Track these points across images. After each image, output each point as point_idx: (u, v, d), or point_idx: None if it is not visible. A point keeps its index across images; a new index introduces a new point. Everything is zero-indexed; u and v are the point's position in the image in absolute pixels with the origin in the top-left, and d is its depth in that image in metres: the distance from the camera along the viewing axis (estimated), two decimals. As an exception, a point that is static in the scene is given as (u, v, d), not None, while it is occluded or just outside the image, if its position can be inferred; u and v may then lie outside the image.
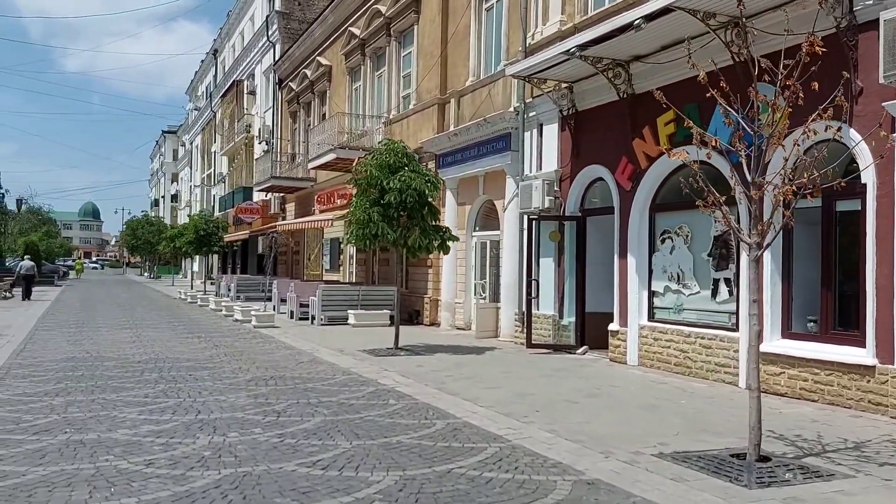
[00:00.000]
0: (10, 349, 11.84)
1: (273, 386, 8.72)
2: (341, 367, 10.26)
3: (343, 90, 23.50)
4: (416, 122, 18.16)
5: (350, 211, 12.14)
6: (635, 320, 10.75)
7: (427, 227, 11.86)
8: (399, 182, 11.46)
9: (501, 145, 14.08)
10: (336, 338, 14.29)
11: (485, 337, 14.36)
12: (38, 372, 9.55)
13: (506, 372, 9.99)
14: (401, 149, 12.05)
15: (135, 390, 8.31)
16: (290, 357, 11.44)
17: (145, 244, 53.85)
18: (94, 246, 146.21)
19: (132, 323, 17.22)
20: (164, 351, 11.94)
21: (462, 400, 7.87)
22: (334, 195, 23.72)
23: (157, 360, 10.79)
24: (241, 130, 37.56)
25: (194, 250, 31.25)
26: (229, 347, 12.62)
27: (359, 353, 11.90)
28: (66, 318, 18.62)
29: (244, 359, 11.15)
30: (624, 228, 11.00)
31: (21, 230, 47.41)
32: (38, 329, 15.38)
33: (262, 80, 34.78)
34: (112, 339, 13.68)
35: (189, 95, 60.04)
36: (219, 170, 44.68)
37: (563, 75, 11.73)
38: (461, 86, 16.29)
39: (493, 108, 14.60)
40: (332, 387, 8.70)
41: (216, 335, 14.67)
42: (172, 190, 74.74)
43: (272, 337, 14.40)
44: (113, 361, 10.63)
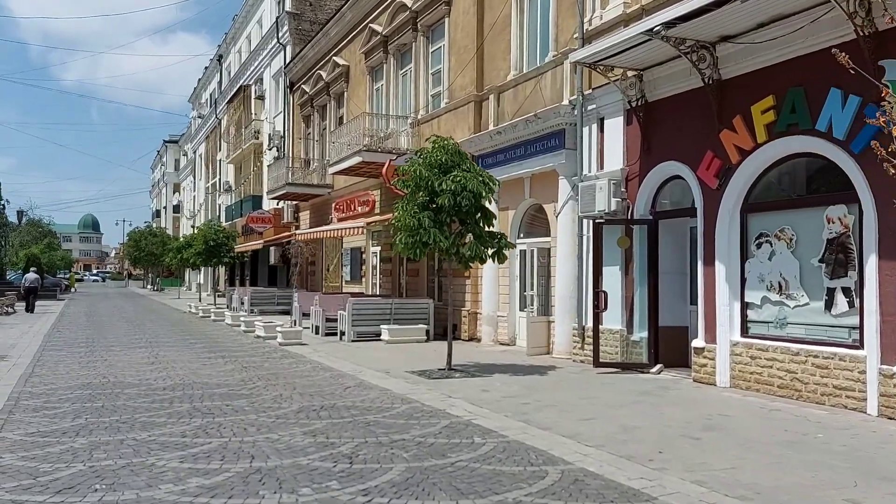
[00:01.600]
0: (17, 374, 10.55)
1: (328, 419, 7.44)
2: (397, 394, 8.98)
3: (363, 91, 22.30)
4: (448, 122, 16.94)
5: (395, 216, 10.89)
6: (726, 336, 9.48)
7: (482, 234, 10.62)
8: (452, 183, 10.23)
9: (553, 143, 12.86)
10: (373, 356, 13.01)
11: (537, 354, 13.09)
12: (52, 403, 8.27)
13: (587, 398, 8.71)
14: (452, 146, 10.83)
15: (168, 427, 7.03)
16: (332, 381, 10.16)
17: (148, 256, 52.64)
18: (94, 258, 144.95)
19: (146, 341, 15.92)
20: (188, 375, 10.65)
21: (560, 437, 6.59)
22: (355, 202, 22.51)
23: (185, 387, 9.51)
24: (248, 137, 36.37)
25: (203, 262, 29.96)
26: (260, 369, 11.34)
27: (408, 374, 10.63)
28: (74, 335, 17.33)
29: (282, 383, 9.87)
30: (710, 232, 9.75)
31: (22, 243, 46.12)
32: (45, 349, 14.09)
33: (271, 84, 33.62)
34: (128, 360, 12.39)
35: (192, 103, 58.89)
36: (225, 178, 43.46)
37: (633, 61, 10.52)
38: (501, 81, 15.08)
39: (542, 104, 13.38)
40: (397, 419, 7.43)
41: (241, 354, 13.38)
42: (174, 200, 73.46)
43: (303, 356, 13.11)
44: (134, 388, 9.34)
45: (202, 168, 53.74)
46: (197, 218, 49.64)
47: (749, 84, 9.24)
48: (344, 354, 13.23)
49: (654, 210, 11.14)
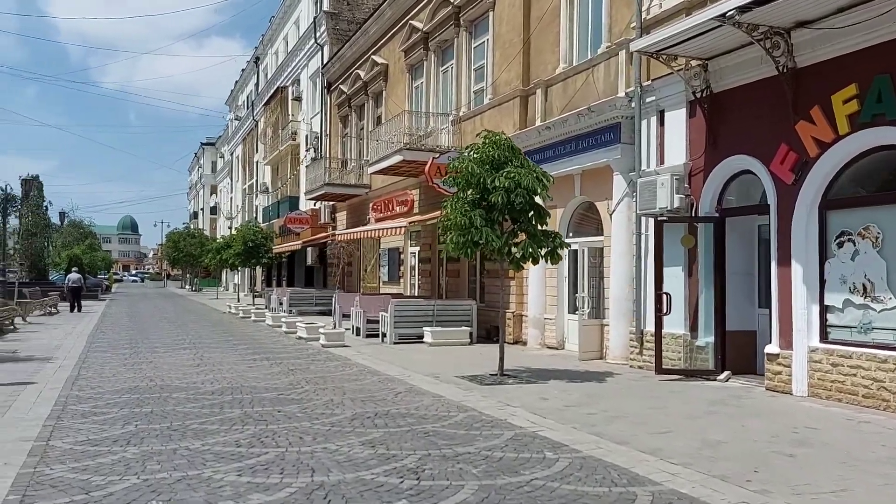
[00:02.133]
0: (64, 376, 10.39)
1: (384, 428, 7.05)
2: (451, 401, 8.56)
3: (402, 89, 21.96)
4: (492, 118, 16.48)
5: (445, 214, 10.48)
6: (803, 341, 8.86)
7: (537, 233, 10.14)
8: (506, 179, 9.78)
9: (608, 137, 12.32)
10: (418, 359, 12.62)
11: (589, 359, 12.56)
12: (100, 408, 8.03)
13: (656, 408, 8.18)
14: (505, 141, 10.37)
15: (221, 434, 6.71)
16: (381, 385, 9.78)
17: (187, 256, 53.14)
18: (133, 259, 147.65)
19: (189, 342, 15.77)
20: (235, 378, 10.38)
21: (640, 453, 6.09)
22: (393, 202, 22.19)
23: (233, 390, 9.22)
24: (285, 138, 36.37)
25: (242, 262, 29.95)
26: (306, 372, 11.02)
27: (458, 379, 10.20)
28: (117, 336, 17.28)
29: (331, 388, 9.52)
30: (784, 230, 9.14)
31: (64, 243, 46.85)
32: (89, 350, 14.00)
33: (308, 84, 33.54)
34: (173, 362, 12.19)
35: (229, 106, 59.37)
36: (262, 180, 43.60)
37: (699, 50, 9.95)
38: (549, 74, 14.58)
39: (594, 97, 12.86)
40: (458, 429, 7.00)
41: (285, 356, 13.11)
42: (211, 202, 74.25)
43: (347, 359, 12.78)
44: (182, 392, 9.08)
45: (239, 170, 54.10)
46: (235, 220, 49.93)
47: (828, 72, 8.62)
48: (389, 357, 12.87)
49: (720, 207, 10.54)
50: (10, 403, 8.20)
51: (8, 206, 28.00)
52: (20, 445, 6.22)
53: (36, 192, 34.64)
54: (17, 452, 5.98)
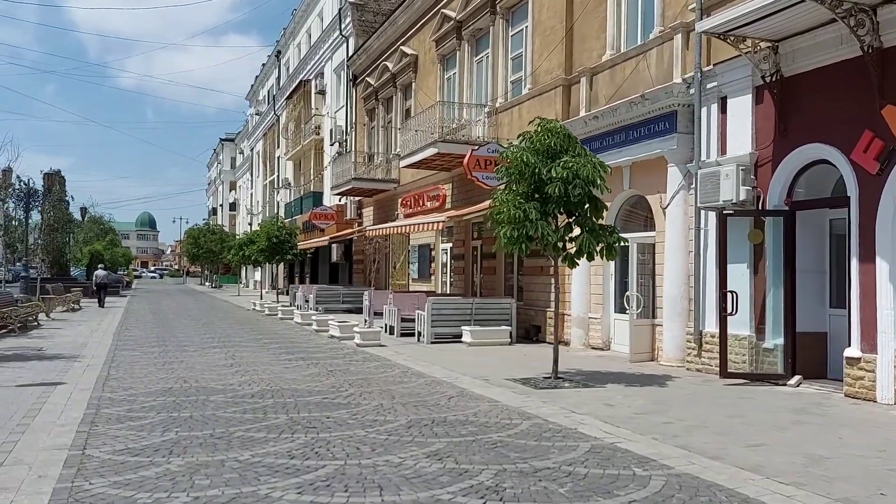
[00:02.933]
0: (93, 377, 9.91)
1: (446, 437, 6.46)
2: (510, 407, 7.95)
3: (433, 80, 21.35)
4: (531, 109, 15.83)
5: (495, 207, 9.85)
6: (889, 345, 8.15)
7: (595, 227, 9.50)
8: (563, 170, 9.14)
9: (662, 127, 11.64)
10: (461, 360, 12.03)
11: (641, 361, 11.91)
12: (135, 412, 7.51)
13: (735, 416, 7.52)
14: (561, 129, 9.74)
15: (270, 444, 6.15)
16: (430, 389, 9.19)
17: (207, 253, 52.95)
18: (151, 255, 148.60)
19: (218, 340, 15.29)
20: (273, 379, 9.84)
21: (739, 469, 5.45)
22: (423, 197, 21.60)
23: (274, 394, 8.67)
24: (308, 133, 35.92)
25: (265, 258, 29.51)
26: (347, 374, 10.46)
27: (510, 382, 9.59)
28: (144, 333, 16.85)
29: (376, 391, 8.95)
30: (867, 224, 8.42)
31: (85, 239, 46.77)
32: (117, 348, 13.54)
33: (332, 78, 33.03)
34: (205, 361, 11.69)
35: (249, 101, 59.08)
36: (283, 175, 43.21)
37: (770, 31, 9.24)
38: (594, 62, 13.91)
39: (646, 84, 12.18)
40: (526, 440, 6.40)
41: (321, 357, 12.56)
42: (231, 198, 74.16)
43: (386, 359, 12.21)
44: (220, 395, 8.55)
45: (259, 165, 53.81)
46: (259, 216, 49.60)
47: (921, 51, 7.91)
48: (429, 358, 12.28)
49: (789, 200, 9.83)
50: (41, 406, 7.71)
51: (30, 201, 27.72)
52: (55, 455, 5.70)
53: (58, 188, 34.46)
54: (51, 463, 5.46)
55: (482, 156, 14.68)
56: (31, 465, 5.41)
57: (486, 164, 14.75)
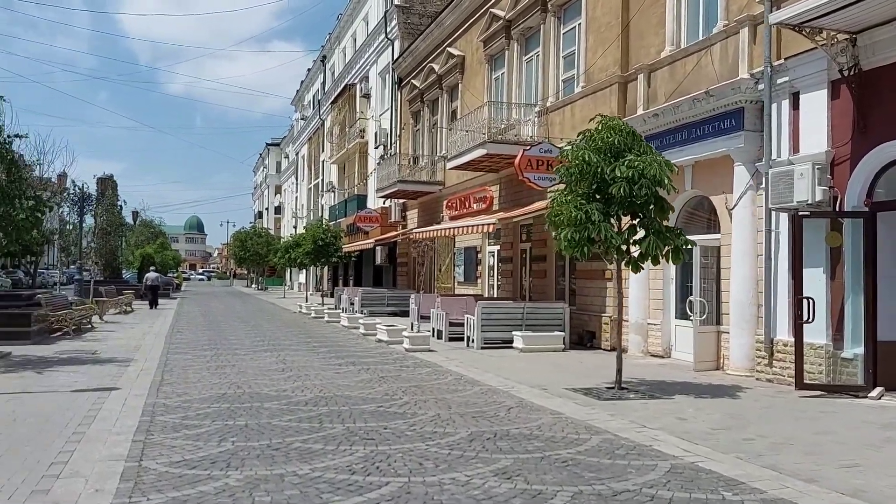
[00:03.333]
0: (147, 381, 9.85)
1: (512, 453, 6.11)
2: (575, 420, 7.55)
3: (480, 81, 21.03)
4: (585, 108, 15.38)
5: (553, 208, 9.46)
6: None
7: (661, 230, 9.03)
8: (628, 169, 8.71)
9: (728, 124, 11.09)
10: (514, 367, 11.66)
11: (705, 369, 11.36)
12: (190, 420, 7.36)
13: (822, 433, 6.99)
14: (625, 127, 9.30)
15: (329, 457, 5.90)
16: (487, 398, 8.85)
17: (254, 255, 53.60)
18: (199, 258, 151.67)
19: (268, 344, 15.22)
20: (325, 385, 9.63)
21: (840, 495, 4.98)
22: (469, 199, 21.29)
23: (328, 401, 8.44)
24: (353, 136, 35.97)
25: (311, 261, 29.58)
26: (399, 380, 10.19)
27: (570, 392, 9.19)
28: (195, 336, 16.91)
29: (432, 400, 8.65)
30: (964, 226, 7.79)
31: (137, 243, 47.88)
32: (170, 352, 13.56)
33: (377, 81, 33.00)
34: (256, 366, 11.57)
35: (295, 106, 59.71)
36: (328, 178, 43.43)
37: (849, 21, 8.67)
38: (652, 59, 13.40)
39: (709, 80, 11.64)
40: (599, 458, 6.01)
41: (370, 361, 12.33)
42: (276, 202, 75.09)
43: (438, 365, 11.91)
44: (274, 402, 8.36)
45: (304, 169, 54.27)
46: (303, 219, 49.97)
47: None
48: (482, 364, 11.94)
49: (869, 201, 9.20)
50: (95, 413, 7.62)
51: (84, 206, 28.33)
52: (111, 467, 5.54)
53: (111, 192, 35.26)
54: (108, 476, 5.29)
55: (534, 156, 14.29)
56: (87, 477, 5.25)
57: (538, 164, 14.36)
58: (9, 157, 11.41)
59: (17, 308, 15.65)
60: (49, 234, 30.45)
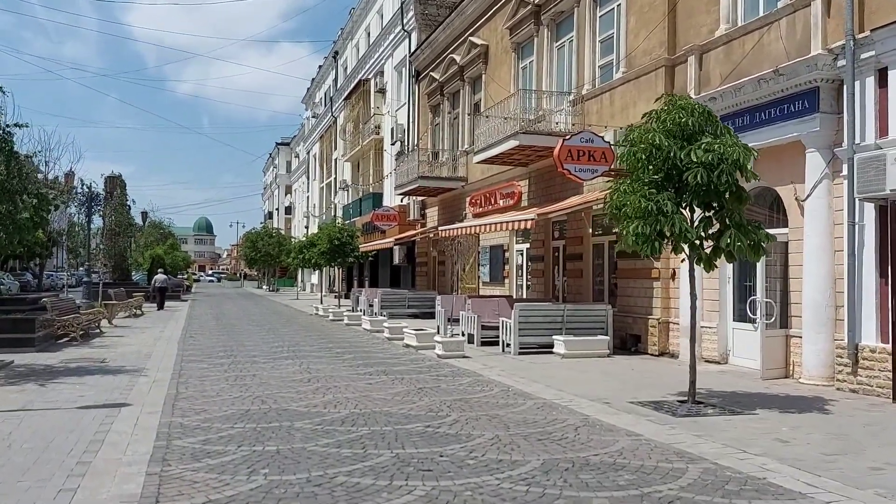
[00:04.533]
0: (161, 396, 8.85)
1: (603, 491, 5.06)
2: (658, 442, 6.50)
3: (506, 71, 19.98)
4: (625, 95, 14.32)
5: (614, 200, 8.41)
6: None
7: (743, 222, 7.97)
8: (705, 153, 7.65)
9: (800, 106, 10.01)
10: (563, 376, 10.62)
11: (774, 378, 10.29)
12: (212, 444, 6.35)
13: (958, 458, 5.92)
14: (699, 106, 8.23)
15: (383, 495, 4.88)
16: (545, 415, 7.81)
17: (265, 256, 52.71)
18: (208, 259, 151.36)
19: (288, 349, 14.22)
20: (360, 399, 8.61)
21: None
22: (495, 195, 20.26)
23: (367, 419, 7.42)
24: (368, 133, 34.99)
25: (326, 261, 28.57)
26: (440, 392, 9.16)
27: (639, 407, 8.15)
28: (210, 342, 15.94)
29: (484, 417, 7.61)
30: None
31: (146, 244, 47.02)
32: (184, 359, 12.58)
33: (393, 75, 31.99)
34: (279, 376, 10.57)
35: (305, 104, 58.80)
36: (342, 177, 42.46)
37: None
38: (704, 38, 12.32)
39: (774, 59, 10.57)
40: (712, 497, 4.96)
41: (402, 370, 11.31)
42: (286, 202, 74.28)
43: (478, 374, 10.87)
44: (306, 421, 7.35)
45: (316, 168, 53.35)
46: (316, 219, 49.02)
47: None
48: (525, 372, 10.90)
49: (978, 188, 8.11)
50: (103, 436, 6.63)
51: (92, 205, 27.39)
52: (122, 511, 4.54)
53: (119, 192, 34.35)
54: (119, 526, 4.29)
55: (575, 146, 13.21)
56: (92, 528, 4.26)
57: (578, 155, 13.28)
58: (7, 149, 10.45)
59: (21, 313, 14.73)
60: (56, 236, 29.61)
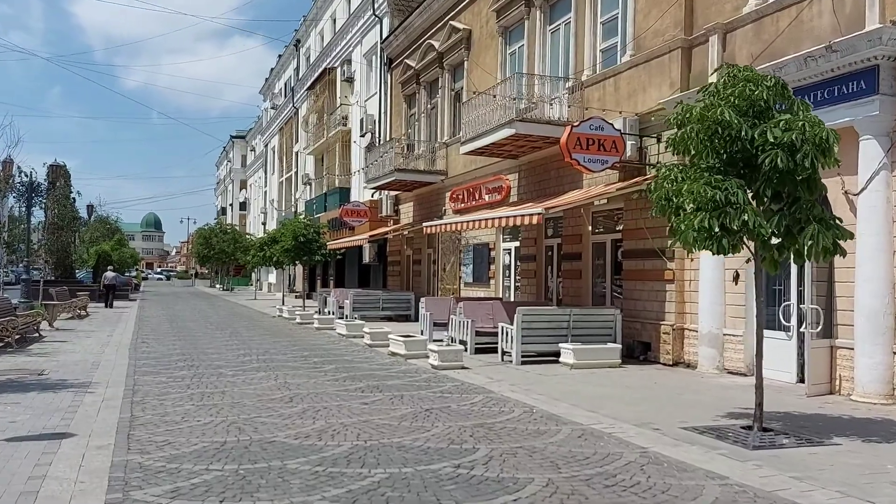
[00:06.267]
0: (113, 422, 7.17)
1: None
2: (754, 488, 5.19)
3: (492, 56, 18.62)
4: (634, 80, 13.11)
5: (664, 188, 7.09)
6: None
7: (825, 217, 6.74)
8: (784, 132, 6.40)
9: (855, 87, 8.90)
10: (581, 392, 9.30)
11: (819, 393, 9.16)
12: (185, 498, 4.78)
13: None
14: (772, 78, 6.96)
15: None
16: (591, 447, 6.44)
17: (219, 254, 50.31)
18: (156, 256, 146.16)
19: (258, 359, 12.56)
20: (359, 425, 7.10)
21: None
22: (479, 189, 18.90)
23: (377, 455, 5.92)
24: (334, 124, 33.23)
25: (291, 259, 26.76)
26: (452, 415, 7.72)
27: (697, 435, 6.86)
28: (165, 348, 14.13)
29: (521, 452, 6.20)
30: None
31: (91, 239, 44.15)
32: (137, 371, 10.82)
33: (362, 63, 30.33)
34: (253, 393, 8.96)
35: (263, 94, 56.44)
36: (303, 171, 40.52)
37: None
38: (728, 16, 11.18)
39: (814, 37, 9.47)
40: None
41: (397, 385, 9.81)
42: (241, 197, 71.53)
43: (487, 390, 9.46)
44: (301, 458, 5.80)
45: (275, 162, 51.13)
46: (279, 213, 46.82)
47: None
48: (540, 388, 9.54)
49: None
50: (38, 486, 4.98)
51: (33, 196, 24.98)
52: None
53: (63, 182, 31.79)
54: None
55: (584, 134, 11.92)
56: None
57: (588, 143, 12.00)
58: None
59: (-56, 315, 12.72)
60: (-9, 229, 27.03)
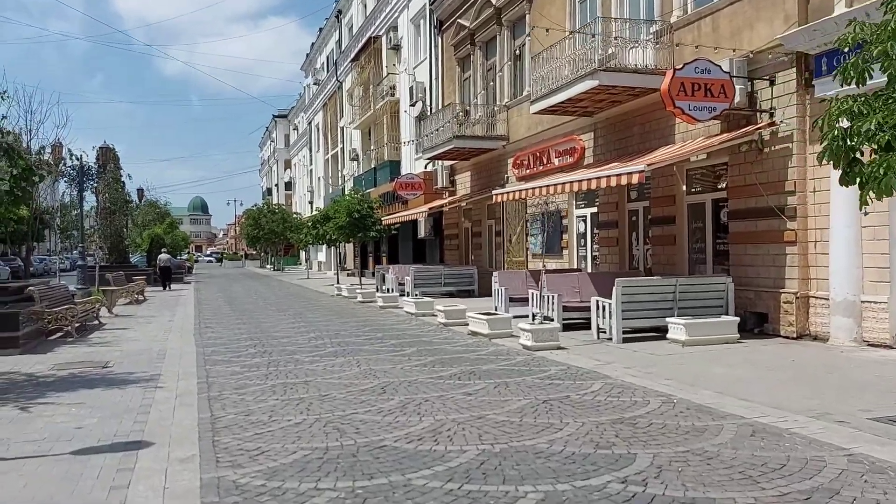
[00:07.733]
0: (192, 424, 6.22)
1: None
2: None
3: (559, 7, 17.11)
4: (737, 17, 11.57)
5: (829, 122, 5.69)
6: None
7: None
8: None
9: None
10: (714, 373, 8.05)
11: None
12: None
13: None
14: None
15: None
16: (778, 448, 5.21)
17: (269, 234, 49.96)
18: (205, 239, 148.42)
19: (331, 341, 11.61)
20: (476, 424, 6.00)
21: None
22: (548, 153, 17.55)
23: (517, 466, 4.81)
24: (381, 95, 32.06)
25: (346, 236, 25.85)
26: (580, 409, 6.56)
27: (885, 425, 5.57)
28: (230, 333, 13.32)
29: (695, 460, 5.02)
30: None
31: (143, 223, 44.15)
32: (207, 360, 9.95)
33: (409, 29, 28.99)
34: (339, 383, 7.95)
35: (305, 70, 55.51)
36: (350, 146, 39.54)
37: None
38: (863, -68, 9.54)
39: None
40: None
41: (495, 370, 8.69)
42: (286, 177, 71.25)
43: (601, 374, 8.27)
44: (423, 469, 4.73)
45: (320, 139, 50.32)
46: (324, 192, 46.06)
47: None
48: (662, 370, 8.31)
49: None
50: (116, 519, 4.01)
51: (84, 180, 24.49)
52: None
53: (113, 166, 31.40)
54: None
55: (689, 78, 10.48)
56: None
57: (693, 89, 10.57)
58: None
59: (2, 305, 12.04)
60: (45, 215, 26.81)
